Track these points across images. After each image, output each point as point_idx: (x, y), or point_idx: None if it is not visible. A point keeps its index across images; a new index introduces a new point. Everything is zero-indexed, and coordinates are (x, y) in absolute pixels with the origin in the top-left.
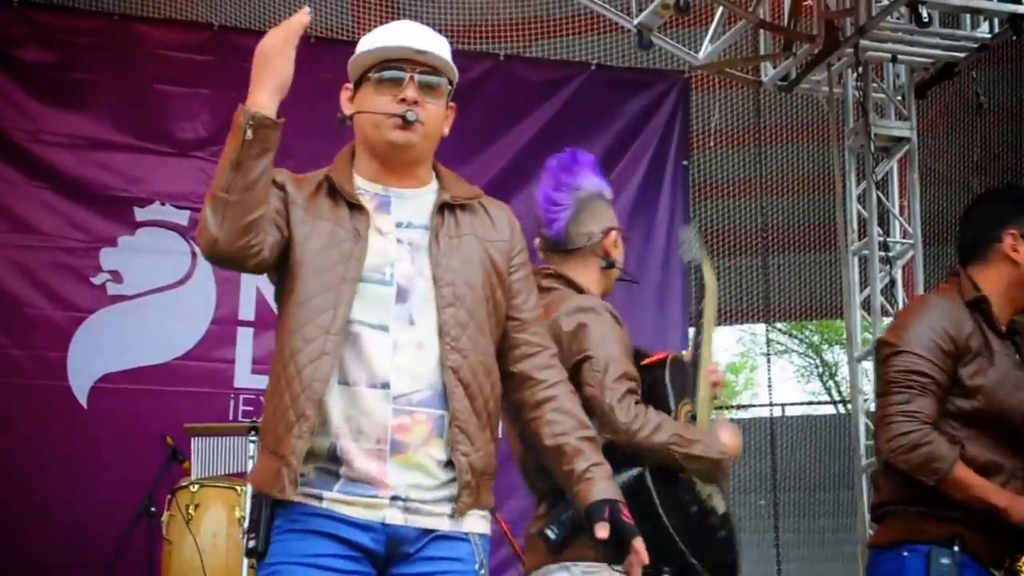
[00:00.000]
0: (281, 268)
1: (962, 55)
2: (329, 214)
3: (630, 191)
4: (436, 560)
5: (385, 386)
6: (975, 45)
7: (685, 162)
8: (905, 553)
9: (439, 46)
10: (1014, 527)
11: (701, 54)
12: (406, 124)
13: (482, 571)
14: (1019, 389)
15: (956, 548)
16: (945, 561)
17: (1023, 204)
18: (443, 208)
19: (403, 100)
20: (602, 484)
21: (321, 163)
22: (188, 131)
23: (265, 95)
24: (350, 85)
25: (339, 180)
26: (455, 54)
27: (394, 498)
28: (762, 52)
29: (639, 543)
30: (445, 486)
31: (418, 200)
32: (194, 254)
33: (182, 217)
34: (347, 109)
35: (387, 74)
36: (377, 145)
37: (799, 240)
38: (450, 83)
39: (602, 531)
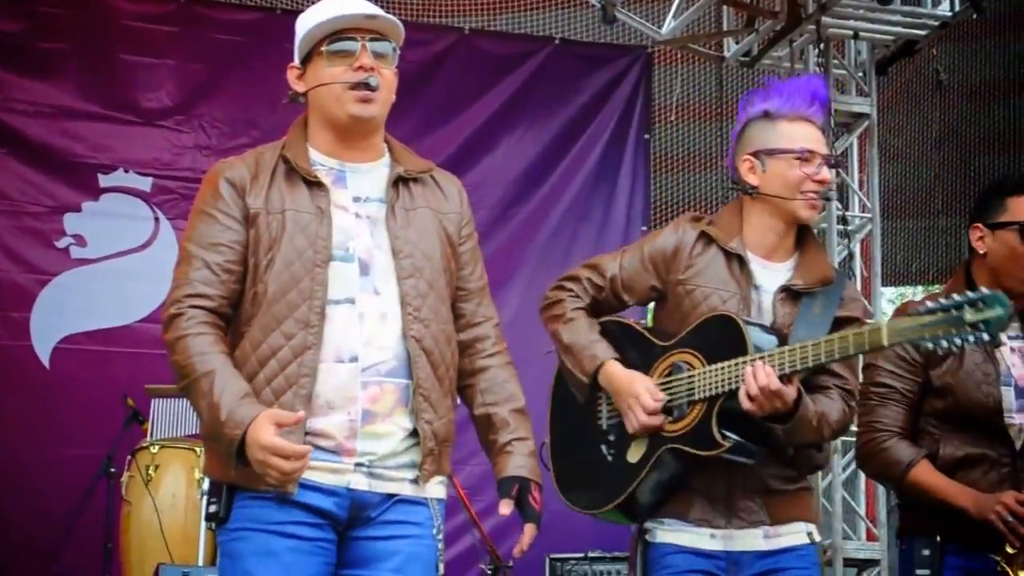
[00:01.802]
0: (246, 262)
1: (923, 33)
2: (289, 201)
3: (591, 164)
4: (396, 524)
5: (353, 360)
6: (936, 23)
7: (647, 136)
8: (903, 547)
9: (383, 10)
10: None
11: (664, 29)
12: (368, 91)
13: (439, 535)
14: (988, 383)
15: (938, 538)
16: (926, 552)
17: (985, 199)
18: (397, 182)
19: (360, 68)
20: (519, 460)
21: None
22: (153, 101)
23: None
24: (296, 64)
25: (295, 158)
26: (419, 27)
27: (359, 464)
28: (725, 28)
29: (529, 531)
30: (408, 452)
31: (373, 174)
32: (157, 219)
33: (145, 184)
34: (298, 86)
35: (340, 45)
36: (338, 118)
37: None
38: (396, 48)
39: (505, 508)
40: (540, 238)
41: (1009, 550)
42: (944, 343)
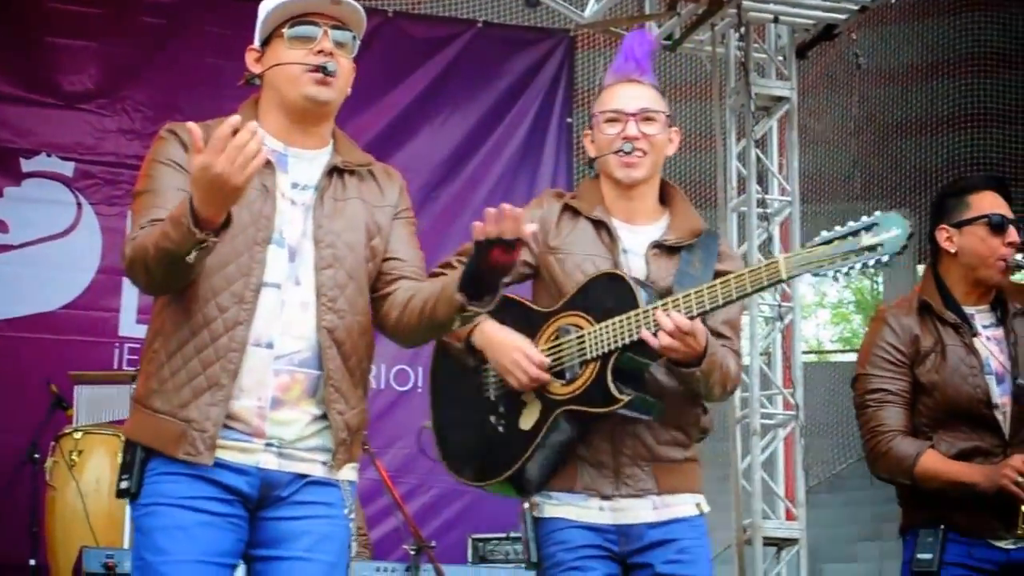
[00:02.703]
0: None
1: (842, 17)
2: None
3: (514, 148)
4: (308, 504)
5: (269, 346)
6: (855, 7)
7: (569, 119)
8: (907, 539)
9: None
10: (996, 498)
11: (587, 12)
12: (326, 76)
13: (351, 515)
14: (972, 375)
15: (941, 527)
16: (930, 539)
17: (944, 203)
18: (332, 171)
19: (320, 52)
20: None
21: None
22: (76, 84)
23: (221, 214)
24: (255, 46)
25: None
26: None
27: (269, 444)
28: (647, 11)
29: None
30: (317, 435)
31: (314, 163)
32: (79, 205)
33: (68, 168)
34: (256, 68)
35: (301, 29)
36: (293, 101)
37: None
38: (355, 38)
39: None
40: (463, 222)
41: None
42: (844, 269)
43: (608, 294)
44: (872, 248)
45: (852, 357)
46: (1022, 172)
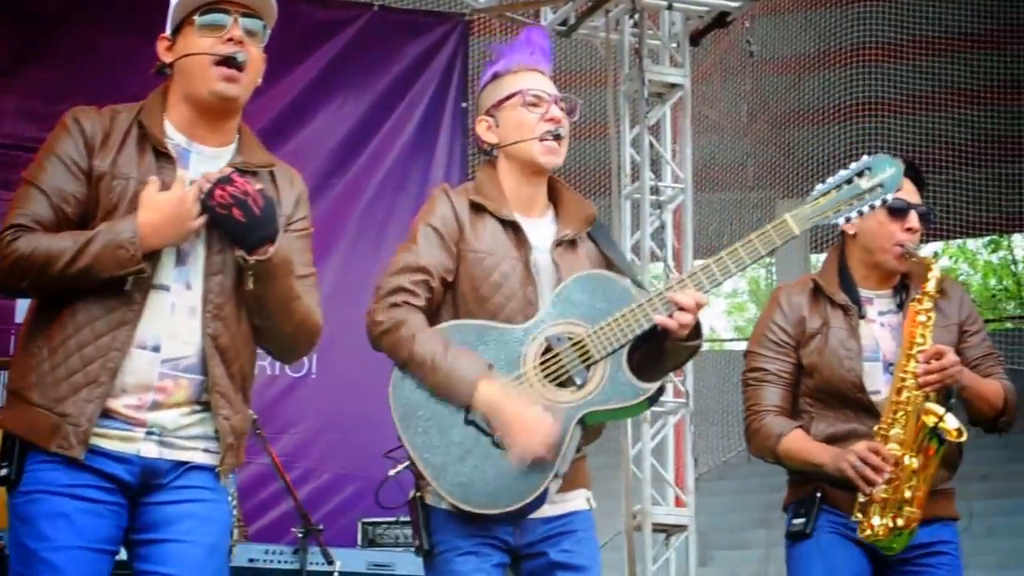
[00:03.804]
0: (84, 218)
1: (736, 4)
2: (135, 169)
3: (409, 133)
4: (189, 488)
5: (156, 349)
6: None
7: (464, 105)
8: (788, 511)
9: None
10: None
11: None
12: (234, 69)
13: (233, 501)
14: (850, 358)
15: (818, 495)
16: (803, 509)
17: None
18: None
19: (230, 40)
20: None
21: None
22: None
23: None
24: (167, 34)
25: (150, 126)
26: None
27: (150, 432)
28: None
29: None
30: (197, 425)
31: (217, 161)
32: None
33: None
34: (167, 57)
35: (211, 17)
36: (200, 94)
37: (574, 183)
38: (266, 28)
39: None
40: (358, 209)
41: (860, 498)
42: (854, 214)
43: (594, 295)
44: (872, 189)
45: (744, 346)
46: (914, 159)
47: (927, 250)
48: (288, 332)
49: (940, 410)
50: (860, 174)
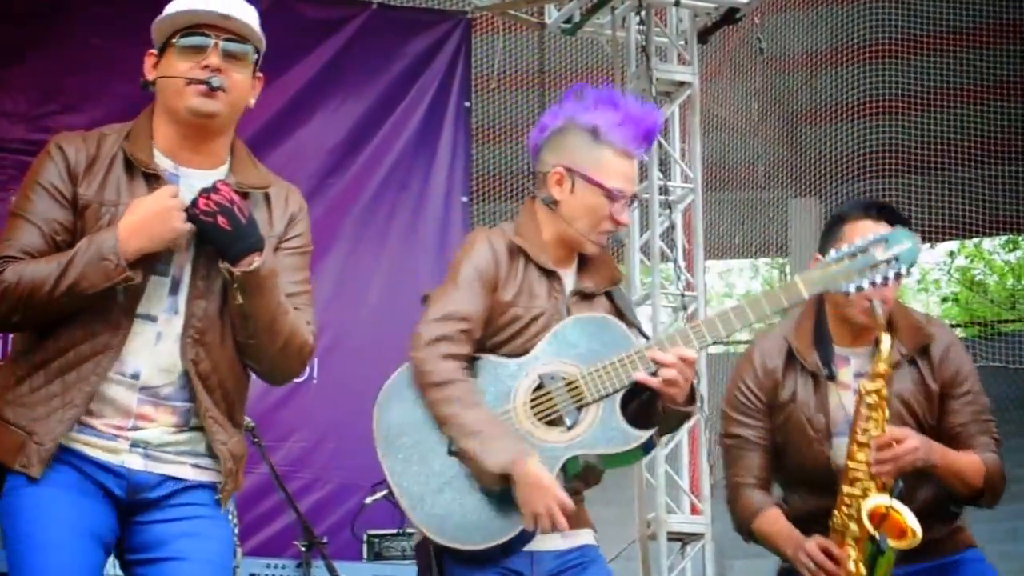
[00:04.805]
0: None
1: (744, 1)
2: (126, 195)
3: (410, 133)
4: (185, 506)
5: (135, 376)
6: None
7: (467, 104)
8: None
9: (245, 12)
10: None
11: None
12: (209, 90)
13: (233, 520)
14: (819, 440)
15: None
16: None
17: (826, 228)
18: None
19: (206, 67)
20: None
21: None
22: None
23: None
24: (154, 51)
25: (134, 151)
26: None
27: (134, 445)
28: None
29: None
30: (185, 443)
31: (206, 184)
32: None
33: None
34: (150, 75)
35: (191, 40)
36: (179, 112)
37: None
38: (256, 51)
39: None
40: (358, 208)
41: None
42: (865, 283)
43: (592, 338)
44: (888, 262)
45: None
46: (929, 158)
47: (942, 249)
48: (275, 350)
49: (888, 502)
50: (877, 243)
